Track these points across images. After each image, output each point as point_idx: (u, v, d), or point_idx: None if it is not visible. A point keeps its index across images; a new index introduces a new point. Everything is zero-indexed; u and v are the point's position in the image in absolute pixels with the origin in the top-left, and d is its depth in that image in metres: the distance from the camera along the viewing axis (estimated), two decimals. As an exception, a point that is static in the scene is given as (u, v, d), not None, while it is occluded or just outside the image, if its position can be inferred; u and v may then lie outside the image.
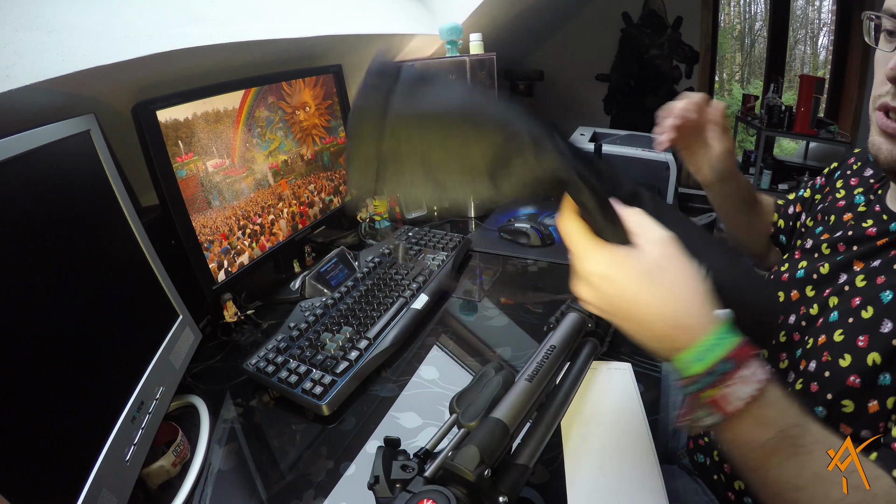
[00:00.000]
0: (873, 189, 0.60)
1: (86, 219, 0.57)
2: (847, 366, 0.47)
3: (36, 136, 0.51)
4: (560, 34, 3.18)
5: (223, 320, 0.86)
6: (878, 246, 0.52)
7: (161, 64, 0.76)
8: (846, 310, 0.51)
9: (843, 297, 0.52)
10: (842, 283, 0.54)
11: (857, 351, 0.47)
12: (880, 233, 0.53)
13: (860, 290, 0.51)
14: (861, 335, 0.47)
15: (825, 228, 0.63)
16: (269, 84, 0.93)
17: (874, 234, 0.54)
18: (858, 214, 0.59)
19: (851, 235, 0.57)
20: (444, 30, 1.46)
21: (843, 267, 0.55)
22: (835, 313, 0.52)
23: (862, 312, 0.48)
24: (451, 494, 0.35)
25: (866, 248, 0.54)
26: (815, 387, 0.50)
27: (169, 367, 0.65)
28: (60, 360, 0.48)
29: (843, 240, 0.58)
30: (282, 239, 0.96)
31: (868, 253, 0.53)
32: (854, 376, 0.46)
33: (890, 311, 0.46)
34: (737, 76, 4.28)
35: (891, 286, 0.47)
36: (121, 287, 0.61)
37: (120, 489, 0.50)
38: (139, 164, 0.72)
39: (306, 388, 0.67)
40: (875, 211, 0.56)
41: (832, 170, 0.71)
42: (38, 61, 0.60)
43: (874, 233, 0.54)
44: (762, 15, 3.57)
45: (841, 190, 0.65)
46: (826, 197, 0.68)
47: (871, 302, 0.48)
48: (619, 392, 0.65)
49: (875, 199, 0.58)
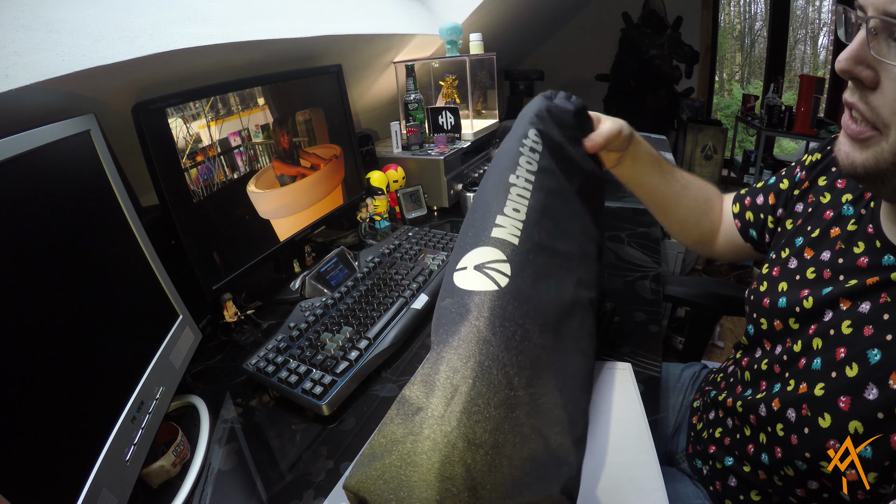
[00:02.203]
0: (864, 199, 0.53)
1: (86, 219, 0.57)
2: (827, 427, 0.45)
3: (36, 136, 0.51)
4: (560, 34, 3.18)
5: (223, 320, 0.86)
6: (868, 286, 0.46)
7: (161, 64, 0.76)
8: (830, 360, 0.47)
9: (827, 342, 0.48)
10: (827, 323, 0.49)
11: (839, 413, 0.44)
12: (871, 266, 0.47)
13: (846, 338, 0.46)
14: (843, 395, 0.44)
15: (807, 241, 0.56)
16: (269, 84, 0.93)
17: (864, 267, 0.48)
18: (847, 234, 0.52)
19: (841, 264, 0.51)
20: (444, 30, 1.46)
21: (828, 304, 0.50)
22: (818, 360, 0.48)
23: (846, 369, 0.45)
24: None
25: (855, 286, 0.48)
26: (794, 440, 0.48)
27: (169, 367, 0.65)
28: (60, 359, 0.48)
29: (830, 266, 0.52)
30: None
31: (856, 292, 0.47)
32: (833, 440, 0.44)
33: (876, 375, 0.42)
34: (737, 76, 4.29)
35: (879, 344, 0.43)
36: (121, 287, 0.61)
37: (120, 489, 0.50)
38: (139, 164, 0.72)
39: (306, 388, 0.67)
40: (867, 233, 0.50)
41: (814, 162, 0.62)
42: (38, 61, 0.60)
43: (865, 264, 0.48)
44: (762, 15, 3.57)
45: (826, 193, 0.57)
46: (806, 195, 0.61)
47: (857, 358, 0.44)
48: (619, 392, 0.65)
49: (867, 215, 0.51)
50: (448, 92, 1.54)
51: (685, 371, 0.87)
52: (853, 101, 0.41)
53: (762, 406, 0.53)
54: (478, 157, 1.52)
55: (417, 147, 1.39)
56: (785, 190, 0.65)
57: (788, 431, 0.49)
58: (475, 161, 1.50)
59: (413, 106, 1.41)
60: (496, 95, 1.75)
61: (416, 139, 1.39)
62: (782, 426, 0.50)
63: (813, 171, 0.61)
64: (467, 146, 1.42)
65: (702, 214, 0.74)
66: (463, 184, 1.35)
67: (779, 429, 0.50)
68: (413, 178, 1.34)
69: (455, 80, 1.53)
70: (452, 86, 1.54)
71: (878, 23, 0.38)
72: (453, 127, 1.41)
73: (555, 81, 3.04)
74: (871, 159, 0.41)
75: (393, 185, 1.29)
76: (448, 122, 1.41)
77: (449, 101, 1.54)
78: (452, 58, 1.48)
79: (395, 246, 1.05)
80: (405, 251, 1.03)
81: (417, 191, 1.32)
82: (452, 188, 1.34)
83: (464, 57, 1.46)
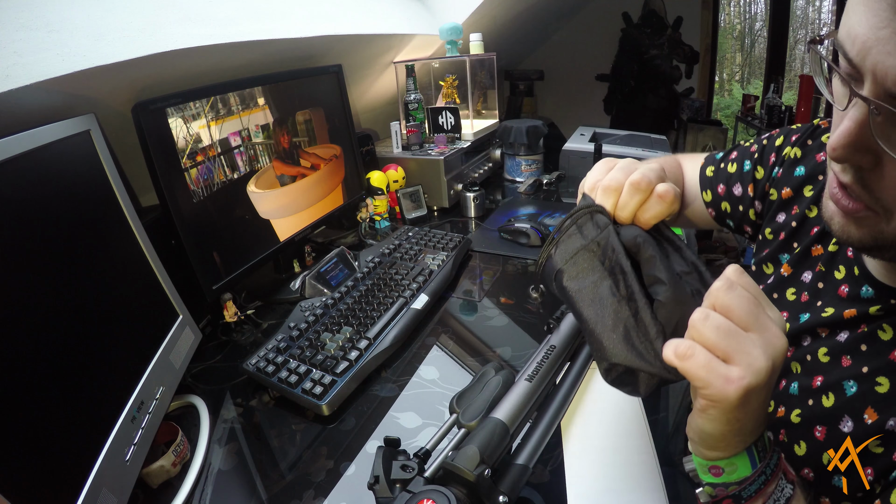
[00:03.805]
0: None
1: (86, 219, 0.57)
2: (802, 455, 0.44)
3: (36, 136, 0.51)
4: (560, 34, 3.18)
5: (223, 320, 0.86)
6: (846, 319, 0.44)
7: (161, 64, 0.77)
8: (807, 387, 0.46)
9: (805, 368, 0.47)
10: (805, 349, 0.48)
11: (814, 443, 0.44)
12: (851, 297, 0.45)
13: (823, 367, 0.45)
14: (819, 425, 0.44)
15: (792, 259, 0.53)
16: (269, 84, 0.93)
17: (844, 297, 0.46)
18: (829, 255, 0.49)
19: (821, 289, 0.49)
20: (444, 30, 1.46)
21: (806, 331, 0.49)
22: (795, 385, 0.47)
23: (823, 399, 0.44)
24: (450, 494, 0.35)
25: (833, 315, 0.46)
26: None
27: (169, 366, 0.65)
28: (60, 359, 0.48)
29: (809, 289, 0.50)
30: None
31: (835, 322, 0.46)
32: (808, 469, 0.44)
33: (851, 408, 0.41)
34: (737, 76, 4.29)
35: (855, 376, 0.42)
36: (121, 287, 0.61)
37: (120, 489, 0.50)
38: (139, 164, 0.72)
39: (306, 388, 0.67)
40: (847, 256, 0.47)
41: (793, 160, 0.56)
42: (38, 61, 0.60)
43: (844, 294, 0.46)
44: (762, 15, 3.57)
45: (812, 206, 0.53)
46: (790, 206, 0.55)
47: (833, 389, 0.43)
48: (620, 392, 0.65)
49: None
50: (448, 92, 1.54)
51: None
52: (848, 182, 0.35)
53: None
54: (478, 157, 1.52)
55: (417, 147, 1.39)
56: (760, 180, 0.60)
57: None
58: (475, 161, 1.50)
59: (413, 106, 1.41)
60: (496, 95, 1.75)
61: (416, 139, 1.39)
62: None
63: (792, 172, 0.56)
64: (467, 146, 1.42)
65: None
66: (463, 184, 1.35)
67: None
68: (413, 178, 1.34)
69: (455, 80, 1.53)
70: (452, 86, 1.54)
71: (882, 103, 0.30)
72: (453, 127, 1.41)
73: (555, 81, 3.05)
74: (869, 237, 0.36)
75: (393, 185, 1.29)
76: (448, 122, 1.41)
77: (449, 101, 1.54)
78: (452, 58, 1.48)
79: (395, 246, 1.05)
80: (405, 251, 1.03)
81: (417, 191, 1.32)
82: (452, 188, 1.34)
83: (464, 57, 1.46)
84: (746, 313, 0.31)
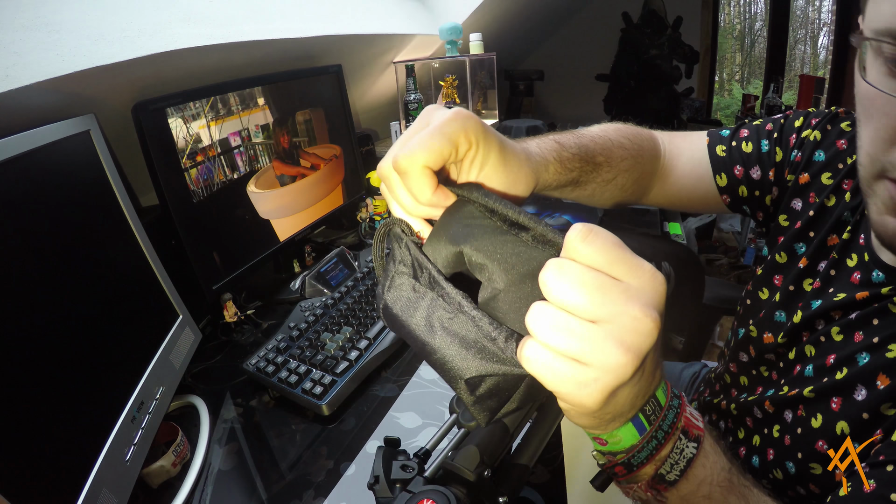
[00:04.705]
0: (860, 207, 0.50)
1: (86, 219, 0.57)
2: (818, 427, 0.45)
3: (36, 136, 0.51)
4: (560, 34, 3.18)
5: (223, 320, 0.86)
6: (858, 300, 0.45)
7: (161, 64, 0.77)
8: (821, 367, 0.47)
9: (819, 350, 0.48)
10: (819, 332, 0.49)
11: (829, 414, 0.44)
12: (863, 282, 0.46)
13: (837, 344, 0.47)
14: (835, 396, 0.44)
15: (808, 249, 0.53)
16: (269, 84, 0.93)
17: (857, 283, 0.47)
18: (843, 243, 0.50)
19: (833, 276, 0.50)
20: (444, 30, 1.46)
21: (820, 315, 0.49)
22: (810, 367, 0.48)
23: (836, 373, 0.45)
24: (451, 494, 0.35)
25: (845, 299, 0.47)
26: (788, 440, 0.48)
27: (169, 367, 0.65)
28: (60, 360, 0.48)
29: (822, 276, 0.51)
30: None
31: (847, 304, 0.47)
32: (822, 441, 0.44)
33: (863, 377, 0.42)
34: (737, 76, 4.29)
35: (867, 347, 0.43)
36: (121, 287, 0.61)
37: (120, 489, 0.50)
38: (139, 164, 0.72)
39: (306, 388, 0.67)
40: (859, 244, 0.48)
41: (813, 143, 0.54)
42: (38, 61, 0.60)
43: (857, 280, 0.47)
44: (762, 15, 3.57)
45: (831, 195, 0.52)
46: (807, 192, 0.54)
47: (847, 363, 0.44)
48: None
49: (861, 222, 0.49)
50: (448, 92, 1.54)
51: (685, 370, 0.87)
52: None
53: (755, 408, 0.53)
54: (478, 157, 1.52)
55: (417, 147, 1.39)
56: (779, 163, 0.57)
57: (783, 432, 0.49)
58: (475, 161, 1.50)
59: (413, 106, 1.41)
60: (496, 95, 1.75)
61: (416, 139, 1.38)
62: (779, 427, 0.50)
63: (811, 157, 0.54)
64: (467, 146, 1.41)
65: (650, 181, 0.62)
66: (463, 184, 1.35)
67: (775, 430, 0.50)
68: (413, 178, 1.33)
69: (455, 80, 1.53)
70: (452, 86, 1.54)
71: None
72: (453, 127, 1.41)
73: (555, 81, 3.05)
74: None
75: (393, 185, 1.29)
76: (448, 122, 1.41)
77: (449, 102, 1.54)
78: (452, 58, 1.48)
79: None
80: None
81: (417, 191, 1.32)
82: (452, 188, 1.33)
83: (464, 57, 1.46)
84: (589, 302, 0.23)
